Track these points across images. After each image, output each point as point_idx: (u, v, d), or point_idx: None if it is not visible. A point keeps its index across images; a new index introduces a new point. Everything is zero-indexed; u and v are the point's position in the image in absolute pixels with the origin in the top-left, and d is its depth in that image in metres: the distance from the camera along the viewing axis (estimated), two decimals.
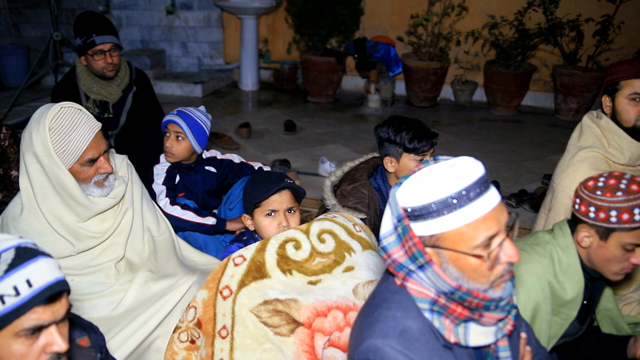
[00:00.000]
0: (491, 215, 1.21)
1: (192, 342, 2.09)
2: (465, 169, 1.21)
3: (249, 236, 2.42)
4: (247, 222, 2.35)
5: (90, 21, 3.30)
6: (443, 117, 5.82)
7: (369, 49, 6.00)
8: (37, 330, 1.20)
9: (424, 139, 2.51)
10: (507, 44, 5.67)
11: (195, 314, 2.08)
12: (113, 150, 2.35)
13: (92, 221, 2.21)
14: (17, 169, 2.99)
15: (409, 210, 1.24)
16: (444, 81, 6.10)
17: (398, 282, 1.33)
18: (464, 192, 1.19)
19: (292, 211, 2.29)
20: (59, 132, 2.02)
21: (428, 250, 1.25)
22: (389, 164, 2.61)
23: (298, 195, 2.35)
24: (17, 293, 1.16)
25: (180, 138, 2.86)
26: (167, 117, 2.90)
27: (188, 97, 6.35)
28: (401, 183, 1.28)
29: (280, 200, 2.27)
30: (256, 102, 6.34)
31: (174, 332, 2.13)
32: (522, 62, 5.75)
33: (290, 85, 6.66)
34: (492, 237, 1.22)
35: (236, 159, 3.13)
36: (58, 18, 6.11)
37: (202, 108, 3.01)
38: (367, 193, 2.61)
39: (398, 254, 1.29)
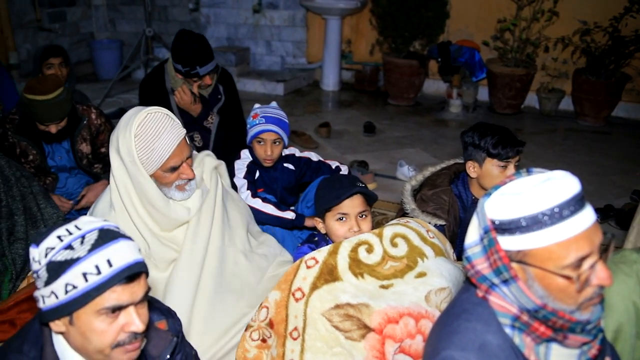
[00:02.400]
0: (584, 235, 1.16)
1: (264, 340, 2.12)
2: (559, 185, 1.17)
3: (320, 237, 2.44)
4: (319, 225, 2.36)
5: (194, 53, 3.29)
6: (526, 126, 5.65)
7: (453, 53, 5.91)
8: (117, 309, 1.26)
9: (509, 145, 2.45)
10: (599, 52, 5.44)
11: (268, 314, 2.11)
12: (197, 154, 2.41)
13: (177, 231, 2.26)
14: None
15: (497, 222, 1.21)
16: (529, 88, 5.93)
17: (480, 294, 1.30)
18: (556, 210, 1.15)
19: (364, 215, 2.29)
20: (144, 139, 2.03)
21: (514, 265, 1.22)
22: (472, 169, 2.56)
23: (370, 199, 2.34)
24: (99, 272, 1.22)
25: (277, 143, 2.92)
26: (261, 127, 2.89)
27: (270, 95, 6.46)
28: (490, 194, 1.25)
29: (352, 204, 2.26)
30: (337, 103, 6.37)
31: (246, 330, 2.17)
32: (615, 71, 5.49)
33: (371, 86, 6.65)
34: (583, 258, 1.17)
35: (314, 157, 3.15)
36: (151, 14, 6.36)
37: (274, 104, 3.06)
38: (447, 199, 2.58)
39: (482, 266, 1.26)
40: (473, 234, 1.28)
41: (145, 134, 2.03)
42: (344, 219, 2.26)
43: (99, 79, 6.96)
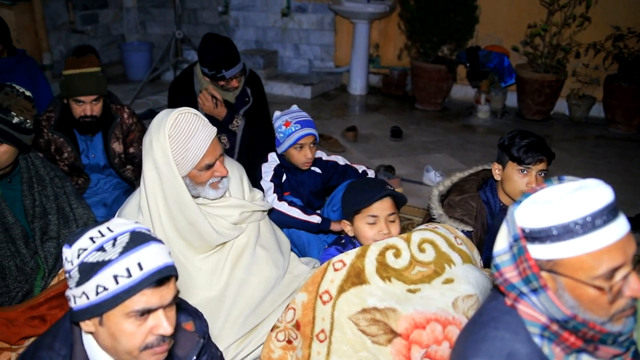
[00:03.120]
0: (617, 246, 1.14)
1: (289, 342, 2.13)
2: (592, 194, 1.15)
3: (347, 240, 2.44)
4: (347, 227, 2.37)
5: (220, 57, 3.33)
6: (555, 132, 5.58)
7: (481, 58, 5.87)
8: (146, 312, 1.27)
9: (531, 151, 2.42)
10: (633, 58, 5.35)
11: (294, 316, 2.12)
12: (228, 158, 2.44)
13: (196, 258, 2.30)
14: None
15: (527, 231, 1.20)
16: (559, 94, 5.85)
17: (508, 302, 1.29)
18: (589, 219, 1.13)
19: (393, 219, 2.29)
20: (178, 139, 2.06)
21: (544, 274, 1.21)
22: (496, 171, 2.56)
23: (399, 202, 2.34)
24: (129, 275, 1.24)
25: (313, 144, 2.94)
26: (300, 132, 2.88)
27: (297, 98, 6.48)
28: (521, 201, 1.24)
29: (382, 207, 2.27)
30: (364, 107, 6.37)
31: (272, 330, 2.19)
32: None
33: (399, 91, 6.63)
34: (616, 269, 1.15)
35: (341, 160, 3.15)
36: (181, 17, 6.43)
37: (295, 107, 3.07)
38: (475, 205, 2.56)
39: (511, 274, 1.25)
40: (502, 242, 1.27)
41: (179, 134, 2.07)
42: (373, 221, 2.26)
43: (129, 80, 7.05)
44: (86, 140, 3.17)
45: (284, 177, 3.04)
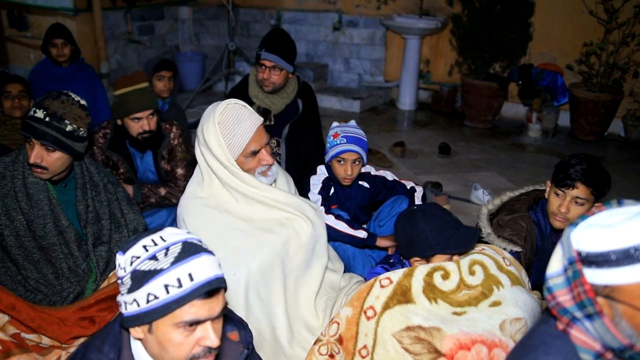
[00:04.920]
0: None
1: (331, 356, 2.12)
2: None
3: (396, 259, 2.41)
4: (416, 263, 2.20)
5: (268, 38, 3.47)
6: (609, 154, 5.44)
7: (534, 76, 5.77)
8: (195, 323, 1.28)
9: (570, 173, 2.36)
10: None
11: (338, 330, 2.12)
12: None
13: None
14: (183, 167, 3.25)
15: (584, 254, 1.17)
16: (614, 115, 5.70)
17: (560, 326, 1.26)
18: None
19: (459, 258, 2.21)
20: (226, 125, 2.19)
21: (600, 300, 1.17)
22: (547, 188, 2.55)
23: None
24: (180, 285, 1.25)
25: (357, 162, 2.93)
26: (342, 147, 2.88)
27: (346, 112, 6.50)
28: (577, 223, 1.21)
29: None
30: (412, 122, 6.34)
31: (314, 343, 2.18)
32: None
33: (448, 107, 6.58)
34: None
35: (389, 176, 3.13)
36: (234, 29, 6.54)
37: (353, 122, 3.07)
38: (525, 226, 2.52)
39: (564, 298, 1.22)
40: (556, 264, 1.24)
41: (227, 121, 2.20)
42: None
43: (182, 90, 7.19)
44: (137, 157, 3.24)
45: (332, 190, 3.03)
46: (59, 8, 6.43)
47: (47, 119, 2.23)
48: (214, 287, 1.29)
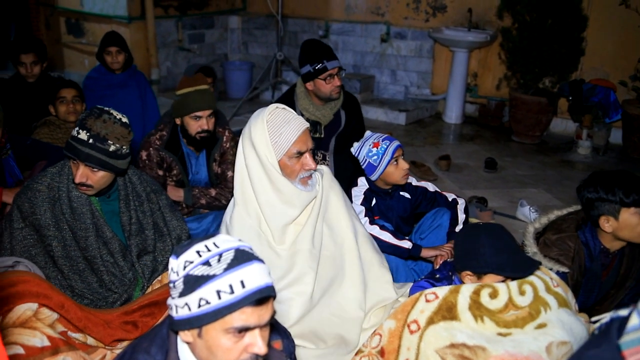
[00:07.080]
0: None
1: None
2: None
3: (442, 275, 2.39)
4: (467, 278, 2.20)
5: (320, 49, 3.53)
6: None
7: (585, 92, 5.65)
8: (244, 330, 1.30)
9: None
10: None
11: (380, 342, 2.11)
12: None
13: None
14: (234, 170, 3.31)
15: None
16: None
17: None
18: None
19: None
20: (274, 124, 2.25)
21: None
22: (606, 224, 2.40)
23: None
24: (232, 291, 1.27)
25: (403, 157, 2.93)
26: (393, 145, 2.89)
27: (391, 124, 6.49)
28: None
29: None
30: (458, 136, 6.29)
31: (356, 354, 2.18)
32: None
33: (495, 122, 6.50)
34: None
35: (430, 187, 3.09)
36: (282, 39, 6.61)
37: (369, 132, 3.05)
38: (573, 246, 2.46)
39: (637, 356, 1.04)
40: (635, 317, 1.07)
41: (275, 120, 2.26)
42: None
43: (229, 98, 7.31)
44: (192, 158, 3.31)
45: (374, 202, 3.03)
46: (114, 16, 6.64)
47: (90, 140, 2.25)
48: (265, 295, 1.30)
